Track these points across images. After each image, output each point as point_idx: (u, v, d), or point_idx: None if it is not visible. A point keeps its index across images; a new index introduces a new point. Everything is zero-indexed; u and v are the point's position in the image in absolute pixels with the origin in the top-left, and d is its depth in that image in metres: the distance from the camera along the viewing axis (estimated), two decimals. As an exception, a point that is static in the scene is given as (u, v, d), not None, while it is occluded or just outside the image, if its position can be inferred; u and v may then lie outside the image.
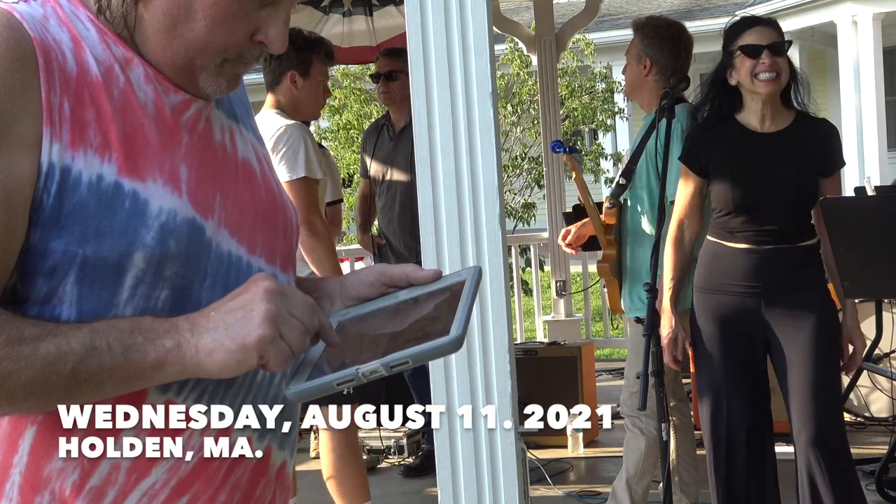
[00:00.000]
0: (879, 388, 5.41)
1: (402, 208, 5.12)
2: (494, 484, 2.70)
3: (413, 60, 2.69)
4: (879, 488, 4.34)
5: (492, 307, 2.68)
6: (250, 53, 1.26)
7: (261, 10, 1.23)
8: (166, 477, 1.22)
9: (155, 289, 1.18)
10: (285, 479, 1.35)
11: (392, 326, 1.25)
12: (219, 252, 1.24)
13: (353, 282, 1.35)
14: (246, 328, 1.11)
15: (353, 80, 12.60)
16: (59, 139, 1.15)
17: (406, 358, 1.10)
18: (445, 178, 2.69)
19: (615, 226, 4.07)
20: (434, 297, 1.24)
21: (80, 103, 1.17)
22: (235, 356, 1.11)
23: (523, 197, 11.93)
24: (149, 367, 1.12)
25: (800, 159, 3.40)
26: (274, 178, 1.37)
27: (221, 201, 1.26)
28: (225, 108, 1.34)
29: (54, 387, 1.11)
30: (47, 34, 1.18)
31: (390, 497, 4.91)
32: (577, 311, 7.70)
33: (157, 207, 1.18)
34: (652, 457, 3.96)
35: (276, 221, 1.33)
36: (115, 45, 1.22)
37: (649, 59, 3.97)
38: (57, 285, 1.16)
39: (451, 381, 2.68)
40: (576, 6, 8.52)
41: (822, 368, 3.32)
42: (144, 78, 1.22)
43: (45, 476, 1.19)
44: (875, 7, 15.26)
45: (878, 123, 15.29)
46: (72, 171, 1.15)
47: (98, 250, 1.15)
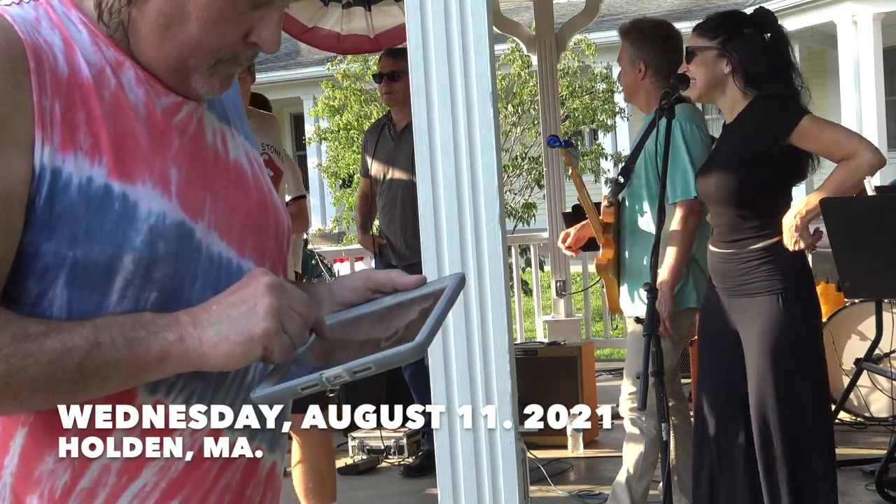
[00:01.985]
0: (879, 388, 5.41)
1: (404, 208, 5.12)
2: (494, 484, 2.70)
3: (413, 60, 2.69)
4: (879, 488, 4.34)
5: (492, 307, 2.68)
6: (244, 54, 1.26)
7: (254, 11, 1.23)
8: (157, 479, 1.22)
9: (144, 291, 1.19)
10: (276, 480, 1.35)
11: (372, 332, 1.26)
12: (209, 254, 1.24)
13: (341, 287, 1.35)
14: (251, 321, 1.14)
15: (353, 80, 12.61)
16: (51, 142, 1.15)
17: (369, 364, 1.12)
18: (445, 178, 2.69)
19: (613, 224, 4.08)
20: (417, 302, 1.25)
21: (70, 106, 1.17)
22: (241, 348, 1.14)
23: (523, 197, 11.94)
24: (153, 360, 1.14)
25: (734, 149, 3.37)
26: (265, 180, 1.37)
27: (212, 203, 1.26)
28: (217, 110, 1.34)
29: (61, 381, 1.12)
30: (39, 37, 1.18)
31: (390, 497, 4.92)
32: (577, 311, 7.70)
33: (146, 210, 1.18)
34: (651, 456, 3.96)
35: (266, 223, 1.33)
36: (106, 47, 1.22)
37: (643, 61, 3.99)
38: (47, 287, 1.17)
39: (451, 381, 2.68)
40: (576, 6, 8.51)
41: (768, 375, 3.26)
42: (135, 80, 1.23)
43: (35, 478, 1.20)
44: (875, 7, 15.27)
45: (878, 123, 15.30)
46: (62, 174, 1.15)
47: (88, 253, 1.16)
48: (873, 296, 4.93)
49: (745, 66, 3.28)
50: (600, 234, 4.09)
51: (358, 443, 5.37)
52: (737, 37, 3.31)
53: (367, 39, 6.50)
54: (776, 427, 3.25)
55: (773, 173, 3.27)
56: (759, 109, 3.29)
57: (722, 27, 3.37)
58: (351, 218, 9.15)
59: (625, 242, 4.05)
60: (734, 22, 3.39)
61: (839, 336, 5.48)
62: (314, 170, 16.44)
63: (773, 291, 3.25)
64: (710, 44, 3.34)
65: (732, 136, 3.40)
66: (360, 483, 5.09)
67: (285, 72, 18.34)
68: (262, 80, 15.50)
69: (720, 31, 3.35)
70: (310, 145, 16.95)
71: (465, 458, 2.70)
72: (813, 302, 3.39)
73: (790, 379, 3.25)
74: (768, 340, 3.25)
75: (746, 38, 3.31)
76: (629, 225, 4.03)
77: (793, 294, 3.24)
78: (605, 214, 4.08)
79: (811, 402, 3.28)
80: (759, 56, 3.29)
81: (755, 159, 3.27)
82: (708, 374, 3.51)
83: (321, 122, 14.26)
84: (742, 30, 3.33)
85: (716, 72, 3.34)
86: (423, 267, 2.74)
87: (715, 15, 3.53)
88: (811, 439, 3.27)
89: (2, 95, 1.12)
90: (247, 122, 1.43)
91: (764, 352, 3.26)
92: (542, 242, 8.03)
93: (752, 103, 3.31)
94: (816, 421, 3.29)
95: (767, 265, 3.26)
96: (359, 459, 5.33)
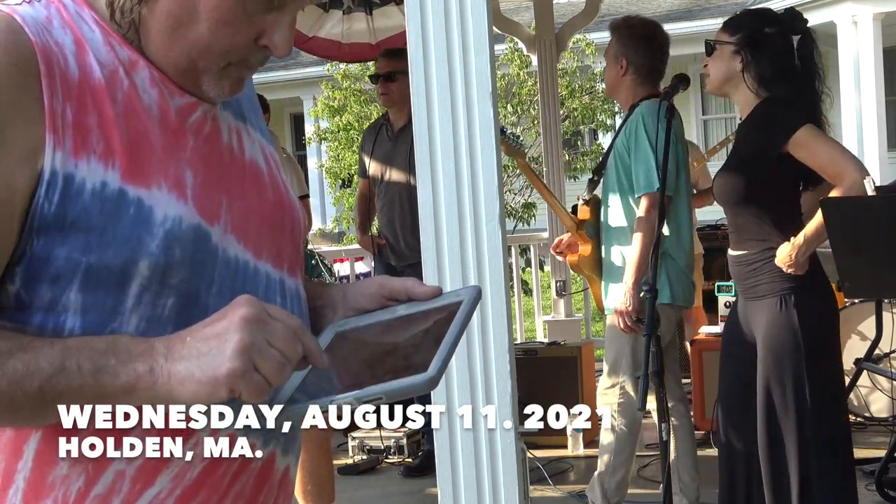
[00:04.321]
0: (879, 388, 5.40)
1: (402, 208, 5.12)
2: (494, 484, 2.70)
3: (413, 60, 2.69)
4: (879, 488, 4.34)
5: (492, 307, 2.68)
6: (254, 57, 1.24)
7: (266, 14, 1.20)
8: (171, 486, 1.20)
9: (161, 296, 1.17)
10: (289, 484, 1.34)
11: (383, 344, 1.25)
12: (225, 258, 1.22)
13: (355, 293, 1.33)
14: (217, 360, 1.07)
15: (352, 81, 12.61)
16: (63, 146, 1.13)
17: (380, 394, 1.10)
18: (445, 178, 2.69)
19: (590, 222, 4.16)
20: (431, 315, 1.24)
21: (82, 109, 1.15)
22: (205, 388, 1.07)
23: (523, 197, 11.95)
24: (119, 391, 1.09)
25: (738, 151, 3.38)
26: (281, 177, 1.35)
27: (228, 206, 1.24)
28: (232, 108, 1.32)
29: (21, 405, 1.09)
30: (49, 38, 1.16)
31: (390, 497, 4.91)
32: (577, 311, 7.70)
33: (161, 215, 1.16)
34: (623, 454, 4.04)
35: (283, 223, 1.32)
36: (119, 46, 1.20)
37: (625, 58, 4.04)
38: (61, 293, 1.15)
39: (451, 381, 2.68)
40: (576, 6, 8.51)
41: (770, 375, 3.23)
42: (150, 81, 1.21)
43: (49, 483, 1.18)
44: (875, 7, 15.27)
45: (878, 123, 15.30)
46: (75, 179, 1.13)
47: (102, 258, 1.14)
48: (873, 296, 4.93)
49: (757, 65, 3.27)
50: (574, 231, 4.17)
51: (358, 443, 5.37)
52: (756, 35, 3.29)
53: (368, 46, 6.50)
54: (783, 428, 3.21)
55: (776, 176, 3.25)
56: (763, 112, 3.28)
57: (745, 25, 3.36)
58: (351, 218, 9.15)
59: (602, 239, 4.13)
60: (758, 20, 3.37)
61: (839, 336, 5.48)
62: (315, 170, 16.44)
63: (775, 294, 3.25)
64: (729, 39, 3.33)
65: (739, 138, 3.42)
66: (360, 483, 5.09)
67: (285, 72, 18.32)
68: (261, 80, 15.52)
69: (741, 28, 3.34)
70: (309, 145, 16.95)
71: (465, 458, 2.70)
72: (821, 304, 3.31)
73: (792, 381, 3.21)
74: (769, 343, 3.24)
75: (766, 37, 3.28)
76: (604, 222, 4.10)
77: (796, 297, 3.22)
78: (581, 212, 4.17)
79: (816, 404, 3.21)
80: (774, 57, 3.26)
81: (756, 162, 3.27)
82: (726, 378, 3.47)
83: (321, 123, 14.26)
84: (763, 29, 3.30)
85: (730, 68, 3.33)
86: (423, 267, 2.74)
87: (744, 11, 3.55)
88: (817, 441, 3.21)
89: (3, 100, 1.10)
90: (262, 116, 1.41)
91: (765, 354, 3.25)
92: (542, 242, 8.02)
93: (759, 105, 3.30)
94: (822, 423, 3.22)
95: (771, 267, 3.25)
96: (359, 459, 5.33)
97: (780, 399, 3.21)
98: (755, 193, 3.28)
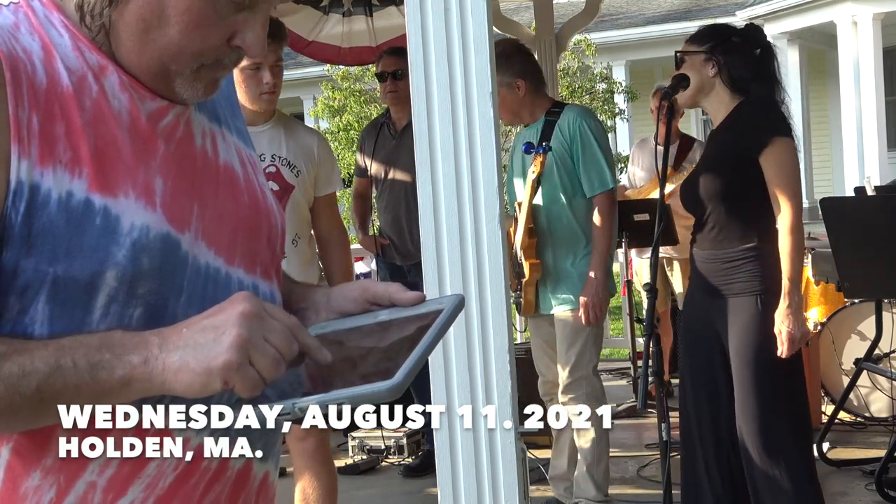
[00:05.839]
0: (879, 388, 5.40)
1: (408, 206, 5.11)
2: (494, 484, 2.70)
3: (413, 60, 2.69)
4: (879, 488, 4.34)
5: (492, 307, 2.68)
6: (227, 58, 1.22)
7: (237, 14, 1.19)
8: (143, 496, 1.19)
9: (128, 307, 1.15)
10: (268, 490, 1.32)
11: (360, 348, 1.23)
12: (196, 266, 1.20)
13: (338, 296, 1.32)
14: (213, 351, 1.07)
15: (352, 81, 12.61)
16: (28, 156, 1.11)
17: (343, 398, 1.09)
18: (445, 178, 2.69)
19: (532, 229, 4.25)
20: (412, 321, 1.22)
21: (49, 117, 1.13)
22: (200, 379, 1.07)
23: (523, 197, 11.92)
24: (116, 385, 1.09)
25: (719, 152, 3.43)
26: (259, 181, 1.33)
27: (199, 212, 1.22)
28: (207, 110, 1.29)
29: (20, 407, 1.08)
30: (17, 44, 1.14)
31: (390, 497, 4.91)
32: (577, 312, 7.68)
33: (128, 224, 1.14)
34: (603, 439, 4.18)
35: (258, 228, 1.30)
36: (88, 51, 1.18)
37: (521, 80, 4.25)
38: (28, 304, 1.13)
39: (451, 381, 2.68)
40: (576, 6, 8.51)
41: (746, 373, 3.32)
42: (119, 86, 1.18)
43: (21, 494, 1.17)
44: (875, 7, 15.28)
45: (878, 123, 15.31)
46: (41, 189, 1.11)
47: (69, 269, 1.12)
48: (873, 296, 4.93)
49: (731, 68, 3.36)
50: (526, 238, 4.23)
51: (358, 443, 5.37)
52: (725, 43, 3.39)
53: (368, 49, 6.50)
54: (754, 424, 3.31)
55: (757, 175, 3.31)
56: (743, 114, 3.36)
57: (711, 35, 3.45)
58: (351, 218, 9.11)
59: (545, 245, 4.20)
60: (724, 31, 3.48)
61: (839, 336, 5.48)
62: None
63: (752, 293, 3.32)
64: (699, 49, 3.41)
65: (718, 140, 3.47)
66: (360, 483, 5.08)
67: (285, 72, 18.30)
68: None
69: (709, 38, 3.43)
70: (309, 145, 16.91)
71: (465, 458, 2.70)
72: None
73: (767, 378, 3.31)
74: (745, 340, 3.32)
75: (734, 45, 3.39)
76: (548, 226, 4.18)
77: (772, 297, 3.28)
78: (524, 219, 4.24)
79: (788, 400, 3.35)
80: (746, 61, 3.37)
81: (739, 162, 3.33)
82: (689, 374, 3.57)
83: (321, 123, 14.25)
84: (731, 38, 3.41)
85: (702, 76, 3.40)
86: (423, 266, 2.74)
87: (706, 26, 3.65)
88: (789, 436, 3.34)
89: None
90: (242, 117, 1.39)
91: (740, 351, 3.33)
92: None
93: (737, 107, 3.37)
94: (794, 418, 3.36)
95: (749, 266, 3.33)
96: (359, 459, 5.33)
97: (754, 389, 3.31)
98: (744, 192, 3.33)
